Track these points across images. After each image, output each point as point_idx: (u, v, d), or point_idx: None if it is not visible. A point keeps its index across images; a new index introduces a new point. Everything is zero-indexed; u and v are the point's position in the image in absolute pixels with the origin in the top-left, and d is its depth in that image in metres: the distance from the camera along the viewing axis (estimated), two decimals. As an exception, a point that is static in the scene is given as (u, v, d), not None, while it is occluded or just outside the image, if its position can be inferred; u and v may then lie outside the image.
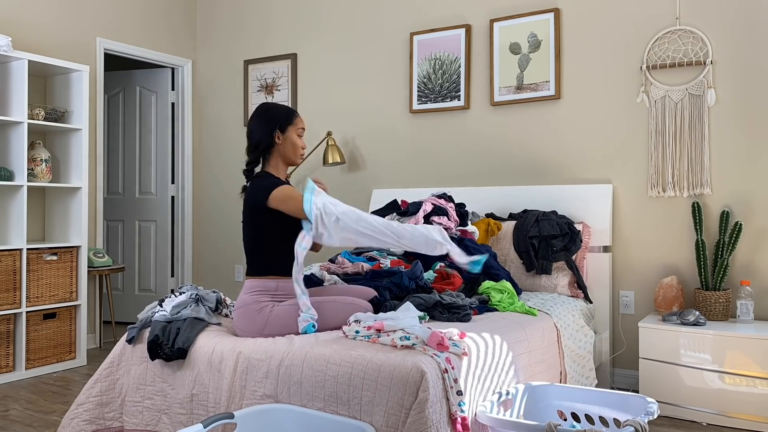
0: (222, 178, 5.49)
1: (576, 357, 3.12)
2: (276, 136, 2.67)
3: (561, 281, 3.55)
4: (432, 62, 4.45)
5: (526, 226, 3.65)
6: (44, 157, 4.26)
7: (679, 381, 3.24)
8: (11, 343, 4.02)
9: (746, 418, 3.09)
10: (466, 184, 4.33)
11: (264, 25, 5.27)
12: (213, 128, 5.54)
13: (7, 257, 3.96)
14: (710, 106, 3.60)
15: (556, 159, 4.04)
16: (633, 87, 3.81)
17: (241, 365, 2.35)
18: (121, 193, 5.79)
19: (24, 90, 4.04)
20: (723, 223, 3.45)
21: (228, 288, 5.41)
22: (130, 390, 2.59)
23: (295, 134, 2.71)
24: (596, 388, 2.57)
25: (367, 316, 2.43)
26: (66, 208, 4.43)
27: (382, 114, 4.68)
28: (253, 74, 5.28)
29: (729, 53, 3.56)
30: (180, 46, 5.52)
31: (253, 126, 2.70)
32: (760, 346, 3.08)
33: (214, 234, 5.52)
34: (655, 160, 3.73)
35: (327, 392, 2.17)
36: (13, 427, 3.15)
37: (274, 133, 2.67)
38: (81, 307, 4.36)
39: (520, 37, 4.13)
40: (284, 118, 2.69)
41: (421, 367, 2.05)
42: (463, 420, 2.08)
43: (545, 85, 4.04)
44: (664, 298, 3.55)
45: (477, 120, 4.31)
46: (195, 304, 2.72)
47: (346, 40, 4.86)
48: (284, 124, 2.68)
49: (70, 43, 4.72)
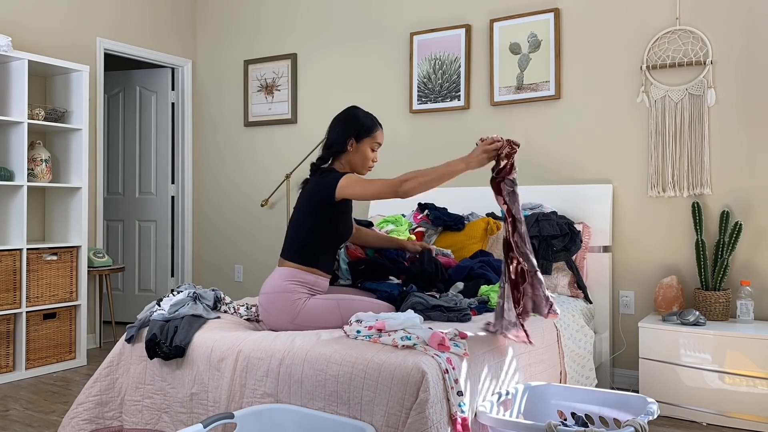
0: (222, 178, 5.49)
1: (576, 357, 3.12)
2: (350, 143, 2.70)
3: (561, 281, 3.55)
4: (432, 62, 4.45)
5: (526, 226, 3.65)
6: (44, 157, 4.26)
7: (679, 381, 3.24)
8: (11, 343, 4.02)
9: (746, 418, 3.09)
10: (466, 184, 4.33)
11: (264, 25, 5.27)
12: (213, 128, 5.54)
13: (7, 257, 3.96)
14: (710, 106, 3.60)
15: (556, 159, 4.04)
16: (633, 87, 3.81)
17: (240, 364, 2.35)
18: (121, 193, 5.79)
19: (24, 90, 4.04)
20: (723, 223, 3.45)
21: (228, 288, 5.41)
22: (129, 389, 2.59)
23: (369, 147, 2.74)
24: (596, 388, 2.57)
25: (368, 316, 2.43)
26: (66, 208, 4.43)
27: (382, 114, 4.68)
28: (253, 74, 5.28)
29: (729, 53, 3.56)
30: (180, 46, 5.52)
31: (334, 125, 2.75)
32: (760, 346, 3.08)
33: (214, 234, 5.52)
34: (655, 160, 3.73)
35: (327, 392, 2.16)
36: (13, 427, 3.15)
37: (349, 141, 2.70)
38: (81, 307, 4.36)
39: (520, 37, 4.13)
40: (364, 128, 2.72)
41: (422, 367, 2.05)
42: (463, 420, 2.08)
43: (545, 85, 4.04)
44: (664, 298, 3.55)
45: (477, 120, 4.31)
46: (193, 303, 2.72)
47: (346, 40, 4.87)
48: (361, 135, 2.72)
49: (70, 43, 4.72)
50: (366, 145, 2.72)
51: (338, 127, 2.72)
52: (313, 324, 2.58)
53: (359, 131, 2.71)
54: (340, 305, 2.62)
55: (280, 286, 2.60)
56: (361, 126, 2.71)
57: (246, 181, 5.35)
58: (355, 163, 2.73)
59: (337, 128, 2.72)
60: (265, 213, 5.25)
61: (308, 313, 2.57)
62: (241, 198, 5.38)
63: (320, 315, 2.59)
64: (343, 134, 2.70)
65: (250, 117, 5.30)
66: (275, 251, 5.18)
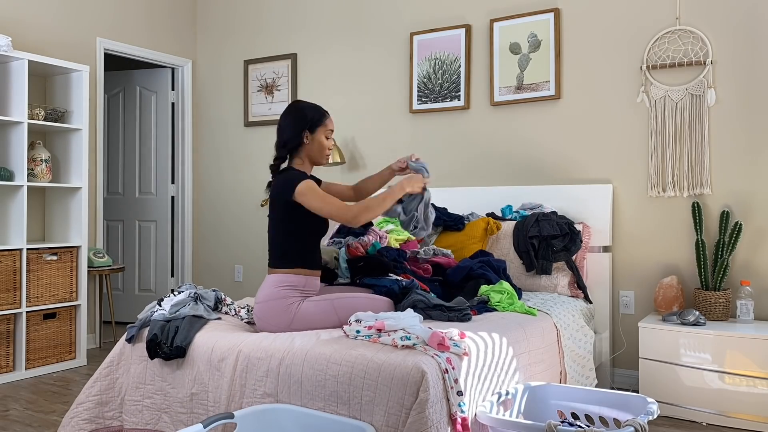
0: (222, 178, 5.49)
1: (576, 357, 3.12)
2: (305, 136, 2.71)
3: (561, 281, 3.55)
4: (432, 62, 4.45)
5: (526, 226, 3.66)
6: (44, 157, 4.26)
7: (678, 381, 3.24)
8: (11, 343, 4.02)
9: (746, 418, 3.09)
10: (466, 184, 4.33)
11: (264, 25, 5.27)
12: (213, 128, 5.54)
13: (7, 257, 3.96)
14: (710, 106, 3.60)
15: (556, 159, 4.04)
16: (633, 87, 3.81)
17: (240, 364, 2.35)
18: (121, 193, 5.79)
19: (24, 90, 4.05)
20: (723, 223, 3.45)
21: (228, 288, 5.41)
22: (129, 389, 2.59)
23: (323, 135, 2.75)
24: (596, 388, 2.57)
25: (368, 316, 2.43)
26: (66, 208, 4.43)
27: (382, 114, 4.68)
28: (253, 74, 5.28)
29: (729, 53, 3.56)
30: (180, 46, 5.52)
31: (283, 123, 2.74)
32: (760, 346, 3.08)
33: (214, 234, 5.52)
34: (655, 160, 3.73)
35: (327, 392, 2.17)
36: (13, 427, 3.15)
37: (303, 133, 2.70)
38: (81, 307, 4.36)
39: (520, 37, 4.13)
40: (315, 118, 2.73)
41: (422, 367, 2.05)
42: (463, 420, 2.08)
43: (545, 85, 4.04)
44: (664, 298, 3.55)
45: (477, 120, 4.31)
46: (194, 303, 2.73)
47: (346, 40, 4.87)
48: (314, 125, 2.72)
49: (70, 43, 4.72)
50: (320, 134, 2.73)
51: (289, 124, 2.72)
52: (309, 327, 2.59)
53: (312, 122, 2.72)
54: (335, 305, 2.62)
55: (271, 294, 2.60)
56: (312, 117, 2.73)
57: (246, 181, 5.35)
58: (314, 154, 2.74)
59: (288, 125, 2.72)
60: (265, 213, 5.25)
61: (303, 317, 2.58)
62: (241, 198, 5.38)
63: (315, 317, 2.59)
64: (295, 129, 2.70)
65: (250, 117, 5.30)
66: (275, 251, 5.18)
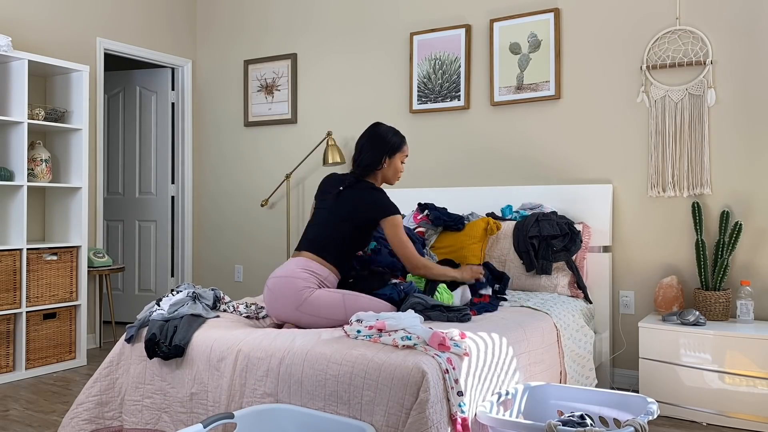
0: (222, 178, 5.49)
1: (576, 357, 3.12)
2: (384, 161, 2.97)
3: (561, 281, 3.55)
4: (432, 62, 4.45)
5: (526, 226, 3.66)
6: (44, 157, 4.26)
7: (678, 381, 3.24)
8: (11, 343, 4.02)
9: (746, 418, 3.09)
10: (466, 183, 4.33)
11: (264, 25, 5.27)
12: (213, 128, 5.54)
13: (7, 257, 3.96)
14: (710, 106, 3.60)
15: (556, 159, 4.04)
16: (633, 87, 3.81)
17: (240, 364, 2.35)
18: (121, 193, 5.79)
19: (24, 90, 4.04)
20: (723, 223, 3.45)
21: (228, 288, 5.41)
22: (129, 389, 2.59)
23: (399, 160, 3.01)
24: (596, 388, 2.57)
25: (369, 316, 2.43)
26: (66, 208, 4.43)
27: (382, 114, 4.68)
28: (253, 74, 5.28)
29: (729, 53, 3.56)
30: (180, 46, 5.52)
31: (365, 146, 2.98)
32: (760, 346, 3.08)
33: (214, 234, 5.52)
34: (655, 160, 3.73)
35: (327, 391, 2.16)
36: (13, 427, 3.15)
37: (384, 159, 2.96)
38: (81, 307, 4.36)
39: (520, 37, 4.13)
40: (395, 145, 2.98)
41: (422, 367, 2.05)
42: (464, 420, 2.08)
43: (545, 85, 4.04)
44: (664, 298, 3.55)
45: (477, 120, 4.31)
46: (192, 302, 2.73)
47: (346, 40, 4.87)
48: (394, 152, 2.98)
49: (70, 43, 4.72)
50: (398, 159, 3.00)
51: (371, 148, 2.95)
52: (315, 314, 2.65)
53: (392, 149, 2.97)
54: (345, 299, 2.69)
55: (293, 272, 2.72)
56: (393, 144, 2.97)
57: (246, 181, 5.35)
58: (387, 176, 3.01)
59: (370, 149, 2.95)
60: (265, 213, 5.25)
61: (313, 302, 2.66)
62: (241, 198, 5.38)
63: (324, 306, 2.66)
64: (377, 154, 2.94)
65: (250, 117, 5.30)
66: (275, 251, 5.18)
